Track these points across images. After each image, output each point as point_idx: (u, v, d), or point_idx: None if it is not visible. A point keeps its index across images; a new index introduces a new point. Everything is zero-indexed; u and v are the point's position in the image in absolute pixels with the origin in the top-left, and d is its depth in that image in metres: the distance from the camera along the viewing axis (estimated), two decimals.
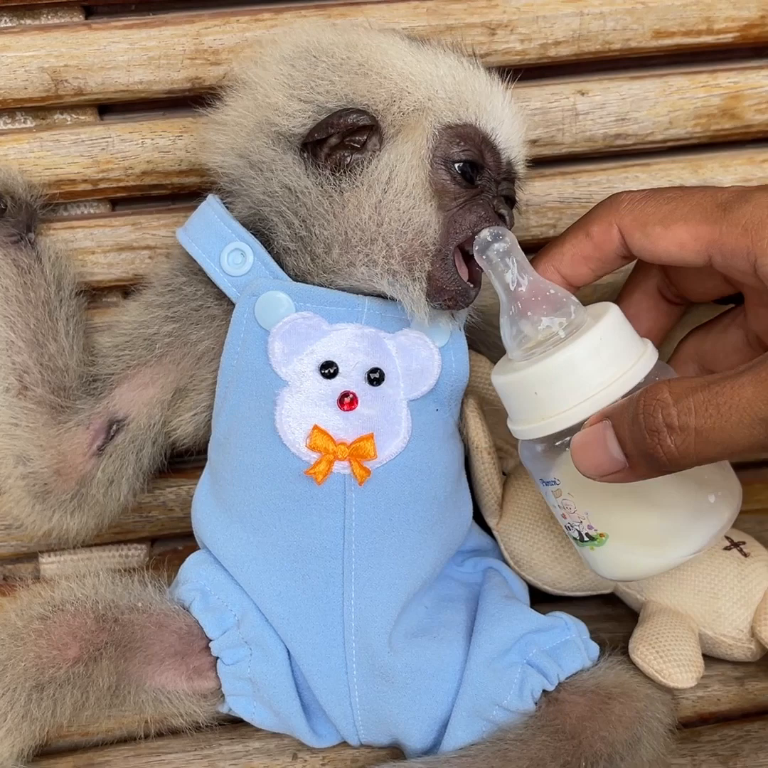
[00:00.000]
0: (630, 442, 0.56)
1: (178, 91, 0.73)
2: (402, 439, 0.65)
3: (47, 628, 0.64)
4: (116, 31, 0.72)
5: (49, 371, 0.69)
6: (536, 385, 0.60)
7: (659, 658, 0.68)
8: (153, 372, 0.68)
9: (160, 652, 0.67)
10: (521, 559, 0.75)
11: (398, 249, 0.63)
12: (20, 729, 0.64)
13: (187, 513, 0.79)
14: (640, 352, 0.60)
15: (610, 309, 0.61)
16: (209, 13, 0.74)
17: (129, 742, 0.71)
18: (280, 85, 0.65)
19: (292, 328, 0.64)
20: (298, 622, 0.66)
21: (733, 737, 0.70)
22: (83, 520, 0.70)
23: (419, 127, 0.64)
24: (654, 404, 0.55)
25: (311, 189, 0.64)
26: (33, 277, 0.70)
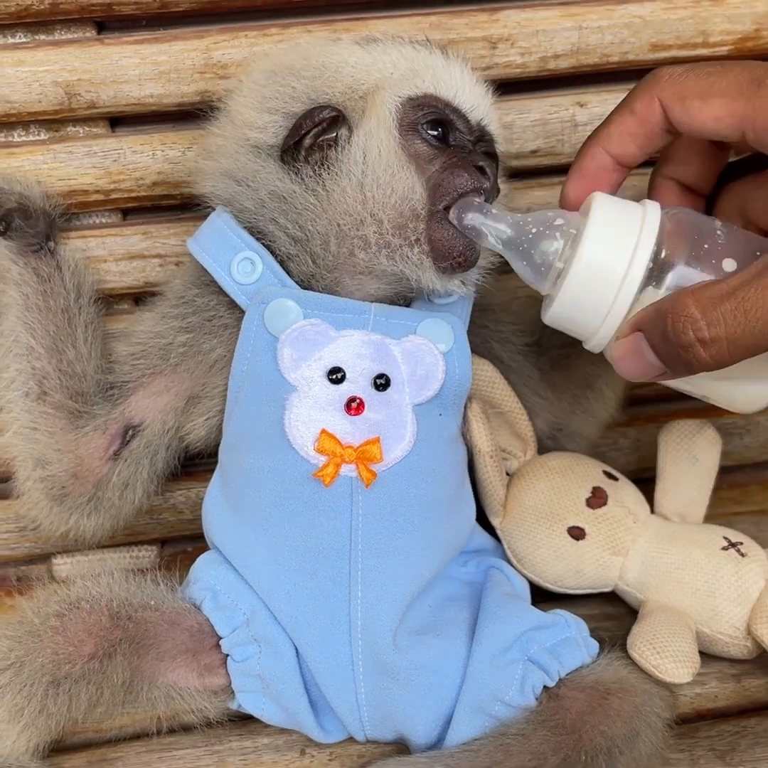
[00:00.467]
0: (665, 354, 0.58)
1: (188, 104, 0.75)
2: (407, 443, 0.66)
3: (63, 625, 0.65)
4: (128, 46, 0.74)
5: (67, 377, 0.70)
6: (575, 303, 0.61)
7: (656, 654, 0.69)
8: (168, 380, 0.69)
9: (172, 649, 0.68)
10: (524, 557, 0.76)
11: (388, 220, 0.65)
12: (37, 724, 0.65)
13: (196, 515, 0.81)
14: (640, 218, 0.60)
15: (594, 197, 0.62)
16: (218, 28, 0.75)
17: (141, 739, 0.72)
18: (251, 104, 0.67)
19: (301, 334, 0.66)
20: (306, 620, 0.67)
21: (730, 733, 0.71)
22: (99, 521, 0.72)
23: (381, 105, 0.66)
24: (683, 321, 0.56)
25: (296, 190, 0.66)
26: (53, 286, 0.72)
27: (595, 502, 0.75)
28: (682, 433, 0.79)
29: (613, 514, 0.75)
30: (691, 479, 0.78)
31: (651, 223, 0.60)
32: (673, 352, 0.57)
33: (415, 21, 0.76)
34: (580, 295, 0.61)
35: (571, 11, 0.78)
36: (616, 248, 0.60)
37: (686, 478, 0.78)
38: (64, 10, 0.72)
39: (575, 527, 0.75)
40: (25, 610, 0.67)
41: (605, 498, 0.76)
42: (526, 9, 0.77)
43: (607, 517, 0.75)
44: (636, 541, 0.75)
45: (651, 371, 0.60)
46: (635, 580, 0.75)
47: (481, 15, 0.77)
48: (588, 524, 0.75)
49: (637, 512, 0.76)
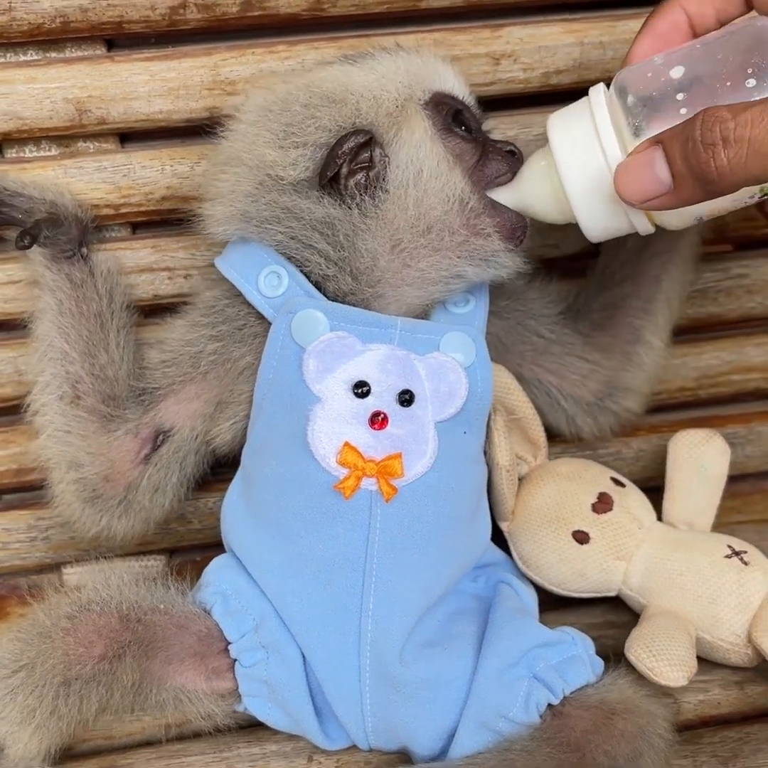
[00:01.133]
0: (680, 160, 0.58)
1: (197, 120, 0.76)
2: (428, 459, 0.66)
3: (74, 627, 0.66)
4: (137, 63, 0.75)
5: (99, 381, 0.71)
6: (597, 215, 0.64)
7: (651, 657, 0.69)
8: (198, 387, 0.70)
9: (180, 652, 0.69)
10: (529, 559, 0.77)
11: (455, 224, 0.67)
12: (48, 725, 0.65)
13: (205, 525, 0.82)
14: (588, 114, 0.63)
15: (547, 122, 0.65)
16: (226, 45, 0.76)
17: (151, 745, 0.72)
18: (266, 143, 0.67)
19: (328, 347, 0.66)
20: (316, 629, 0.67)
21: (733, 739, 0.71)
22: (130, 524, 0.73)
23: (411, 116, 0.67)
24: (713, 120, 0.56)
25: (343, 218, 0.66)
26: (86, 291, 0.73)
27: (601, 508, 0.76)
28: (692, 442, 0.80)
29: (618, 519, 0.76)
30: (699, 489, 0.79)
31: (599, 113, 0.63)
32: (693, 153, 0.57)
33: (420, 38, 0.77)
34: (592, 205, 0.64)
35: (573, 27, 0.79)
36: (586, 154, 0.63)
37: (694, 487, 0.79)
38: (75, 29, 0.73)
39: (580, 531, 0.75)
40: (37, 612, 0.68)
41: (611, 504, 0.77)
42: (528, 25, 0.78)
43: (612, 522, 0.76)
44: (640, 546, 0.76)
45: (655, 188, 0.59)
46: (638, 585, 0.76)
47: (484, 31, 0.78)
48: (593, 529, 0.76)
49: (642, 519, 0.77)
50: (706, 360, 0.88)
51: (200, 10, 0.74)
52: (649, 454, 0.87)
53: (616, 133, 0.62)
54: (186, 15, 0.74)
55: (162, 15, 0.74)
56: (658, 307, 0.80)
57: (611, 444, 0.86)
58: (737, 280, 0.87)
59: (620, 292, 0.79)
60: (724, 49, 0.61)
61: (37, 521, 0.81)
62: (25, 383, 0.78)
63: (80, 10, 0.73)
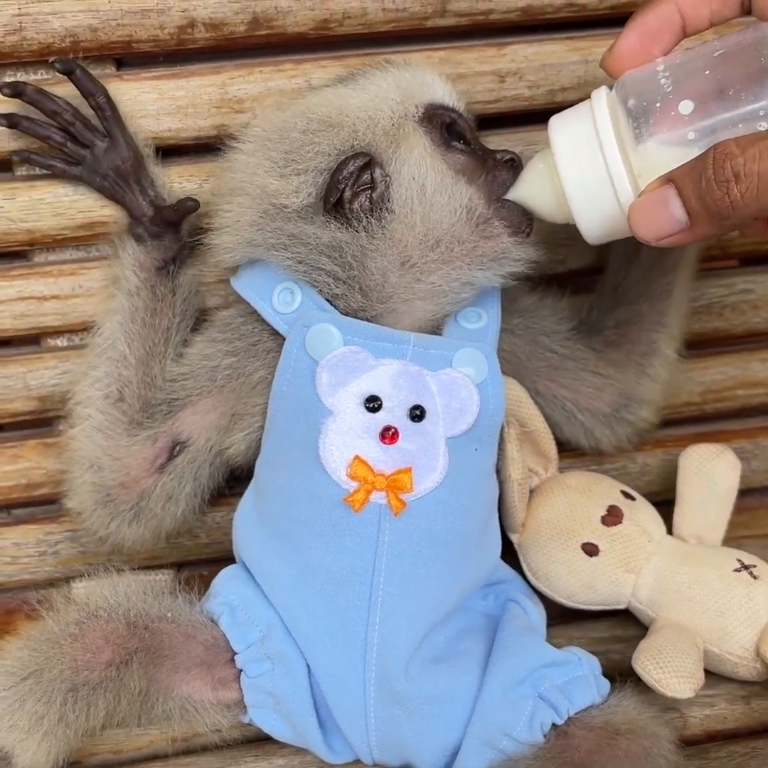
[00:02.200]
0: (695, 199, 0.58)
1: (205, 137, 0.76)
2: (438, 474, 0.67)
3: (82, 633, 0.67)
4: (146, 82, 0.76)
5: (146, 389, 0.72)
6: (596, 220, 0.64)
7: (659, 669, 0.69)
8: (214, 400, 0.71)
9: (186, 661, 0.69)
10: (539, 571, 0.77)
11: (464, 233, 0.67)
12: (56, 732, 0.66)
13: (212, 539, 0.83)
14: (590, 118, 0.63)
15: (549, 125, 0.65)
16: (233, 64, 0.77)
17: (158, 759, 0.73)
18: (267, 172, 0.68)
19: (341, 361, 0.67)
20: (322, 641, 0.68)
21: (740, 754, 0.71)
22: (140, 531, 0.74)
23: (409, 132, 0.68)
24: (723, 157, 0.57)
25: (350, 241, 0.67)
26: (163, 306, 0.73)
27: (611, 520, 0.77)
28: (702, 457, 0.80)
29: (628, 532, 0.76)
30: (709, 503, 0.79)
31: (600, 115, 0.63)
32: (707, 191, 0.57)
33: (426, 56, 0.78)
34: (591, 208, 0.63)
35: (578, 45, 0.80)
36: (586, 156, 0.63)
37: (705, 501, 0.79)
38: (85, 48, 0.74)
39: (589, 543, 0.76)
40: (45, 618, 0.68)
41: (621, 517, 0.77)
42: (533, 43, 0.79)
43: (621, 535, 0.76)
44: (649, 559, 0.76)
45: (671, 225, 0.60)
46: (647, 598, 0.76)
47: (490, 50, 0.79)
48: (602, 541, 0.76)
49: (652, 532, 0.77)
50: (711, 375, 0.88)
51: (208, 29, 0.75)
52: (655, 469, 0.87)
53: (617, 136, 0.62)
54: (194, 34, 0.75)
55: (170, 34, 0.75)
56: (672, 318, 0.80)
57: (617, 458, 0.86)
58: (742, 295, 0.87)
59: (635, 309, 0.79)
60: (727, 62, 0.61)
61: (47, 536, 0.82)
62: (34, 398, 0.79)
63: (90, 29, 0.73)
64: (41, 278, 0.78)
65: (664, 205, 0.60)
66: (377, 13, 0.76)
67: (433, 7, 0.77)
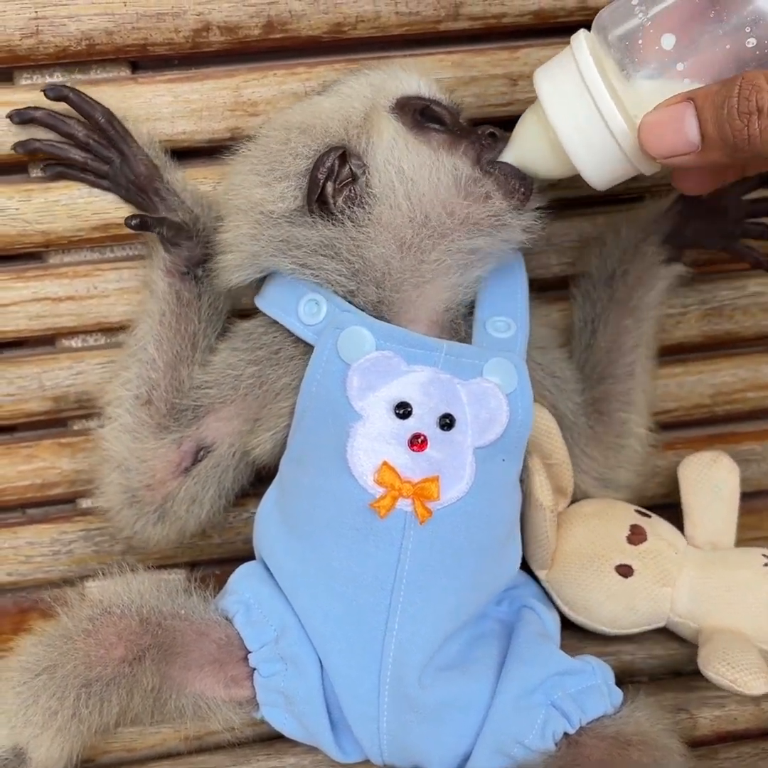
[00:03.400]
0: (713, 124, 0.57)
1: (219, 140, 0.77)
2: (465, 484, 0.66)
3: (95, 629, 0.67)
4: (161, 85, 0.76)
5: (173, 392, 0.73)
6: (598, 162, 0.63)
7: (732, 669, 0.69)
8: (237, 408, 0.71)
9: (199, 658, 0.70)
10: (575, 602, 0.77)
11: (452, 201, 0.67)
12: (69, 728, 0.66)
13: (224, 539, 0.83)
14: (572, 61, 0.63)
15: (534, 76, 0.65)
16: (247, 67, 0.77)
17: (171, 758, 0.73)
18: (252, 183, 0.69)
19: (373, 365, 0.66)
20: (338, 644, 0.68)
21: (750, 754, 0.71)
22: (164, 532, 0.74)
23: (378, 121, 0.68)
24: (750, 89, 0.56)
25: (340, 235, 0.67)
26: (188, 311, 0.74)
27: (636, 539, 0.76)
28: (700, 465, 0.80)
29: (656, 547, 0.76)
30: (716, 509, 0.79)
31: (581, 56, 0.62)
32: (726, 119, 0.57)
33: (438, 59, 0.78)
34: (589, 151, 0.63)
35: None
36: (574, 98, 0.62)
37: (711, 508, 0.79)
38: (100, 51, 0.75)
39: (622, 565, 0.75)
40: (60, 615, 0.69)
41: (645, 533, 0.77)
42: (545, 47, 0.79)
43: (651, 551, 0.76)
44: (681, 571, 0.76)
45: (682, 144, 0.59)
46: (686, 610, 0.76)
47: (502, 53, 0.79)
48: (634, 560, 0.75)
49: (676, 544, 0.77)
50: (721, 377, 0.88)
51: (223, 32, 0.75)
52: (665, 471, 0.87)
53: (603, 76, 0.61)
54: (209, 37, 0.75)
55: (185, 37, 0.75)
56: (637, 397, 0.80)
57: None
58: (753, 297, 0.87)
59: (603, 389, 0.79)
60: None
61: (61, 535, 0.82)
62: (49, 399, 0.79)
63: (105, 33, 0.74)
64: (56, 279, 0.78)
65: (680, 123, 0.59)
66: (390, 16, 0.77)
67: (446, 10, 0.77)
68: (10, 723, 0.66)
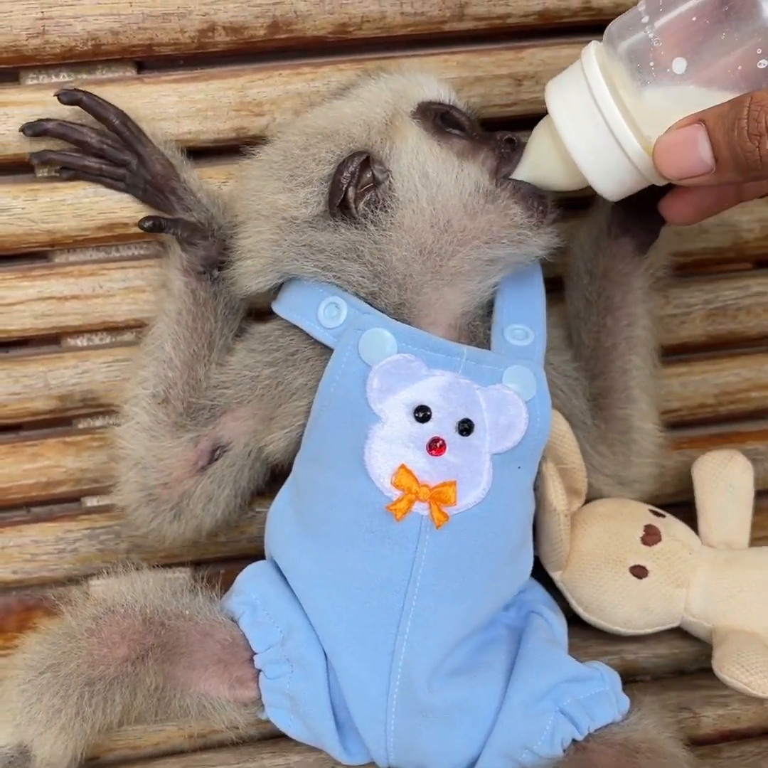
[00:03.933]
0: (724, 145, 0.58)
1: (224, 140, 0.77)
2: (481, 490, 0.66)
3: (98, 627, 0.68)
4: (166, 85, 0.76)
5: (190, 391, 0.73)
6: (609, 176, 0.64)
7: (746, 672, 0.69)
8: (254, 408, 0.72)
9: (203, 659, 0.70)
10: (590, 603, 0.77)
11: (473, 210, 0.68)
12: (73, 726, 0.66)
13: (230, 538, 0.83)
14: (582, 76, 0.63)
15: (545, 90, 0.66)
16: (253, 67, 0.77)
17: (175, 755, 0.73)
18: (274, 189, 0.69)
19: (393, 368, 0.66)
20: (349, 645, 0.68)
21: (753, 753, 0.72)
22: (180, 529, 0.75)
23: (401, 126, 0.69)
24: (759, 110, 0.56)
25: (363, 239, 0.67)
26: (204, 311, 0.74)
27: (651, 540, 0.76)
28: (715, 464, 0.80)
29: (670, 548, 0.76)
30: (731, 508, 0.79)
31: (590, 69, 0.63)
32: (738, 141, 0.57)
33: (443, 59, 0.79)
34: (600, 164, 0.64)
35: None
36: (583, 112, 0.63)
37: (726, 507, 0.79)
38: (106, 51, 0.75)
39: (637, 566, 0.75)
40: (64, 613, 0.69)
41: (659, 534, 0.77)
42: (550, 47, 0.80)
43: (665, 551, 0.76)
44: (695, 571, 0.76)
45: (697, 167, 0.59)
46: (700, 610, 0.76)
47: (507, 53, 0.79)
48: (648, 561, 0.76)
49: (690, 544, 0.77)
50: (725, 377, 0.88)
51: (228, 33, 0.75)
52: (670, 470, 0.87)
53: (610, 88, 0.62)
54: (214, 38, 0.75)
55: (191, 38, 0.75)
56: (635, 393, 0.79)
57: None
58: (757, 297, 0.87)
59: (602, 385, 0.79)
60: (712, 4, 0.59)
61: (66, 533, 0.82)
62: (54, 397, 0.80)
63: (111, 33, 0.74)
64: (62, 278, 0.78)
65: (693, 146, 0.59)
66: (395, 17, 0.77)
67: (451, 11, 0.77)
68: (15, 721, 0.67)
